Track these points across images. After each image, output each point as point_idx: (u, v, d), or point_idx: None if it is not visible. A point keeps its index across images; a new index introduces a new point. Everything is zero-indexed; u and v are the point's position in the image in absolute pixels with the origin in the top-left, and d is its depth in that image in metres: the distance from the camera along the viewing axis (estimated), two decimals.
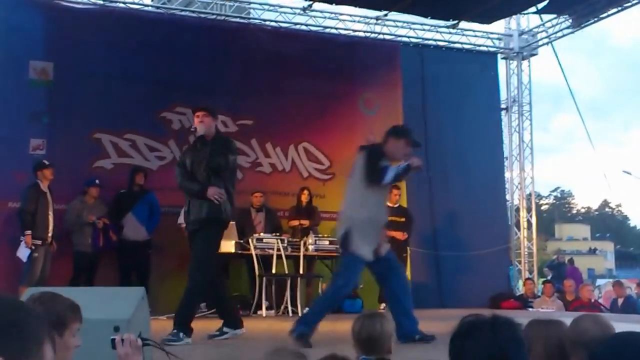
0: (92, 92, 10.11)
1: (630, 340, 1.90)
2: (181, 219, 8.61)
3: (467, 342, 1.87)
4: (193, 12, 11.70)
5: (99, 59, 10.21)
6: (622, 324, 3.08)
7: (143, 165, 10.17)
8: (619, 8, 11.80)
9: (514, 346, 1.85)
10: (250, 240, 9.01)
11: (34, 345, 1.36)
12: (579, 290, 11.86)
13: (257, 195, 10.08)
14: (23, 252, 8.63)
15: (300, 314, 8.94)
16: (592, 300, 11.61)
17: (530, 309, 11.03)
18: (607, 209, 76.19)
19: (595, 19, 12.29)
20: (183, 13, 11.59)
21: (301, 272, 9.45)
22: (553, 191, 75.28)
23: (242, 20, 11.95)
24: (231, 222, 9.16)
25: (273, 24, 12.06)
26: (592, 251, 56.30)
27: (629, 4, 11.58)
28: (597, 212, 76.03)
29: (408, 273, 10.88)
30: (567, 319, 3.08)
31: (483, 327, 1.88)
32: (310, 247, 9.54)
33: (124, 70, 10.34)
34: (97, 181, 9.42)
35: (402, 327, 5.67)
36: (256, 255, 8.90)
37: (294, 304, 9.10)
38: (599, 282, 25.71)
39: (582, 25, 12.47)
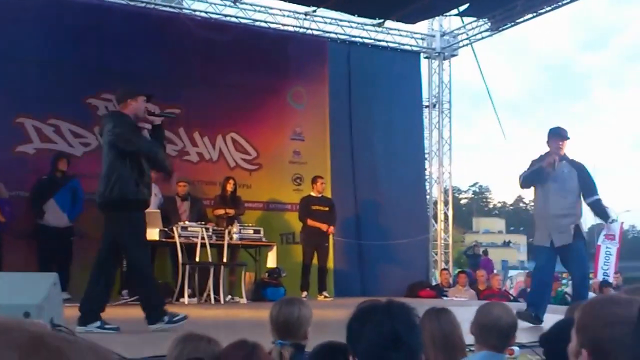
0: (15, 76, 9.68)
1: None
2: None
3: (364, 326, 1.88)
4: None
5: (22, 43, 9.76)
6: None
7: (67, 151, 9.82)
8: (535, 14, 12.11)
9: (408, 329, 1.87)
10: (174, 229, 8.82)
11: None
12: (490, 280, 12.15)
13: (181, 184, 9.88)
14: None
15: (222, 302, 8.84)
16: (502, 289, 11.90)
17: (445, 298, 11.20)
18: (521, 204, 78.39)
19: (512, 23, 12.56)
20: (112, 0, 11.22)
21: (225, 260, 9.33)
22: (472, 186, 77.01)
23: (172, 10, 11.67)
24: (156, 210, 9.01)
25: (203, 14, 11.85)
26: (507, 244, 57.77)
27: (543, 10, 11.90)
28: (512, 207, 78.13)
29: (331, 262, 10.91)
30: (476, 307, 3.14)
31: (378, 312, 1.90)
32: (235, 236, 9.44)
33: (50, 55, 9.95)
34: None
35: None
36: (180, 243, 8.73)
37: (216, 292, 8.98)
38: (511, 272, 26.41)
39: (500, 29, 12.73)
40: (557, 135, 6.57)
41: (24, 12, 9.82)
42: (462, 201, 69.62)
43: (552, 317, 5.21)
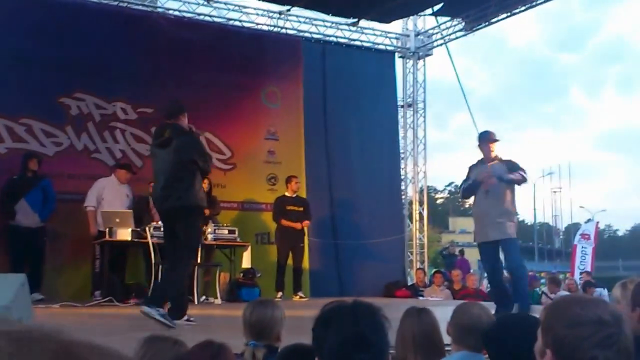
0: None
1: (514, 320, 2.21)
2: None
3: (329, 329, 1.86)
4: None
5: None
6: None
7: (39, 150, 9.72)
8: (509, 14, 12.20)
9: (373, 330, 1.85)
10: (147, 229, 8.77)
11: None
12: (466, 280, 12.22)
13: (152, 184, 9.77)
14: None
15: (196, 302, 8.80)
16: (478, 289, 11.97)
17: (420, 298, 11.25)
18: None
19: (487, 23, 12.64)
20: None
21: (199, 260, 9.28)
22: (447, 186, 77.22)
23: (145, 8, 11.61)
24: (128, 211, 8.97)
25: (177, 13, 11.80)
26: None
27: (517, 10, 12.00)
28: None
29: (306, 262, 10.91)
30: (453, 307, 3.15)
31: (344, 313, 1.89)
32: (210, 237, 9.40)
33: (20, 53, 9.82)
34: None
35: None
36: (153, 243, 8.68)
37: (190, 293, 8.92)
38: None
39: (474, 29, 12.81)
40: (486, 139, 7.00)
41: None
42: (438, 201, 69.88)
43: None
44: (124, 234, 8.68)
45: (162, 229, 8.87)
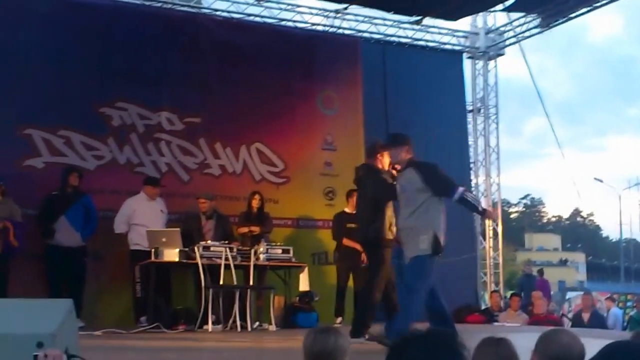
0: (21, 84, 9.81)
1: (621, 349, 2.11)
2: None
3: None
4: None
5: (29, 47, 9.90)
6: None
7: (78, 164, 9.93)
8: (589, 8, 12.00)
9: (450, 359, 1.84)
10: (196, 249, 8.86)
11: None
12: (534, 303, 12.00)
13: (201, 200, 9.87)
14: None
15: (249, 329, 8.85)
16: (554, 314, 11.78)
17: (495, 323, 11.09)
18: (578, 218, 77.48)
19: (565, 19, 12.48)
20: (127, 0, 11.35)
21: (251, 283, 9.34)
22: (523, 199, 76.37)
23: (190, 10, 11.80)
24: (175, 229, 9.07)
25: (224, 14, 11.96)
26: (563, 262, 57.16)
27: (599, 3, 11.79)
28: (568, 221, 77.26)
29: None
30: (532, 333, 3.09)
31: (418, 344, 1.87)
32: (262, 257, 9.41)
33: (59, 61, 10.07)
34: None
35: None
36: (202, 265, 8.76)
37: (243, 318, 8.98)
38: (570, 294, 26.07)
39: (551, 25, 12.66)
40: (389, 144, 7.13)
41: (31, 15, 9.97)
42: (513, 215, 69.02)
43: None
44: (171, 254, 8.76)
45: (211, 248, 9.03)
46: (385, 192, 7.11)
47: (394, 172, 7.19)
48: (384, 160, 7.30)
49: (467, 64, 13.75)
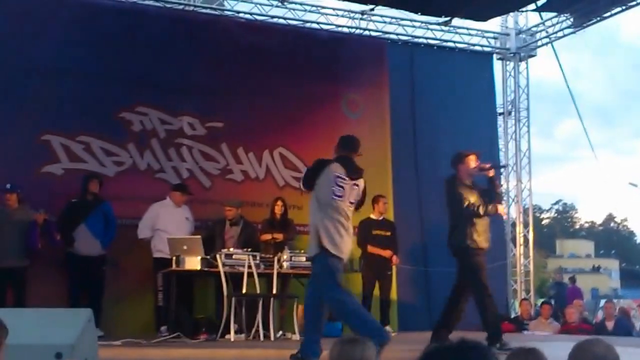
0: (41, 89, 9.87)
1: None
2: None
3: None
4: (158, 0, 11.48)
5: (49, 52, 9.96)
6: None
7: (98, 171, 9.98)
8: (623, 7, 11.89)
9: None
10: (218, 257, 8.87)
11: None
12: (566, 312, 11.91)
13: (227, 208, 9.87)
14: None
15: (272, 338, 8.84)
16: (587, 322, 11.69)
17: (525, 332, 11.03)
18: (612, 224, 76.75)
19: (598, 19, 12.37)
20: (146, 2, 11.40)
21: (274, 291, 9.33)
22: (554, 204, 75.75)
23: (213, 12, 11.84)
24: (197, 237, 9.09)
25: (247, 16, 11.98)
26: (596, 269, 56.66)
27: (634, 2, 11.65)
28: (601, 227, 76.58)
29: (394, 292, 10.83)
30: (564, 342, 3.05)
31: (449, 355, 1.86)
32: (285, 264, 9.41)
33: (78, 66, 10.12)
34: (8, 186, 9.04)
35: None
36: (224, 272, 8.77)
37: (266, 328, 8.97)
38: (603, 302, 25.81)
39: (584, 25, 12.55)
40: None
41: (48, 20, 10.04)
42: (544, 222, 68.54)
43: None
44: (193, 262, 8.77)
45: (233, 256, 9.03)
46: (458, 206, 7.66)
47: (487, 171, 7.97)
48: (466, 168, 7.82)
49: (497, 65, 13.68)
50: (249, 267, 8.95)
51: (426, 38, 13.01)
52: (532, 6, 12.66)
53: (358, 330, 5.99)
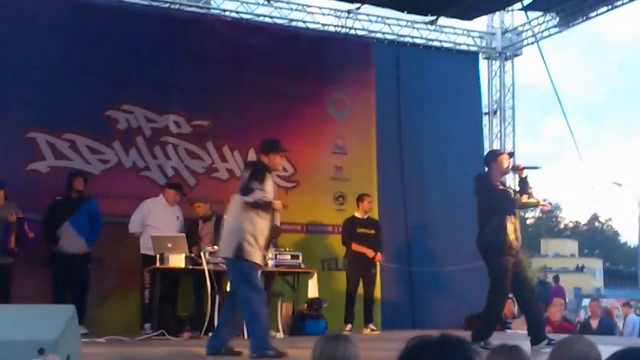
0: (25, 87, 9.85)
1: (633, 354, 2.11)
2: None
3: None
4: None
5: (34, 50, 9.94)
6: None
7: (83, 169, 9.96)
8: (609, 7, 11.97)
9: None
10: (202, 254, 8.87)
11: None
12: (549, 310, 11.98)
13: (197, 204, 9.87)
14: None
15: None
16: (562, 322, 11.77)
17: (508, 331, 11.09)
18: (596, 224, 77.14)
19: (584, 18, 12.44)
20: (133, 0, 11.36)
21: None
22: None
23: (199, 10, 11.83)
24: (181, 235, 9.09)
25: (234, 14, 11.98)
26: (580, 269, 56.89)
27: (620, 2, 11.73)
28: (585, 227, 76.95)
29: (377, 291, 10.86)
30: None
31: (431, 349, 1.87)
32: (270, 262, 9.42)
33: (64, 63, 10.11)
34: None
35: None
36: (209, 270, 8.77)
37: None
38: (585, 302, 25.94)
39: (570, 25, 12.62)
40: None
41: (34, 18, 10.02)
42: (529, 221, 68.70)
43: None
44: (177, 260, 8.78)
45: (217, 253, 9.02)
46: (491, 202, 7.64)
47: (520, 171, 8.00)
48: (499, 167, 7.80)
49: (482, 65, 13.72)
50: None
51: (412, 37, 13.02)
52: (518, 5, 12.73)
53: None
